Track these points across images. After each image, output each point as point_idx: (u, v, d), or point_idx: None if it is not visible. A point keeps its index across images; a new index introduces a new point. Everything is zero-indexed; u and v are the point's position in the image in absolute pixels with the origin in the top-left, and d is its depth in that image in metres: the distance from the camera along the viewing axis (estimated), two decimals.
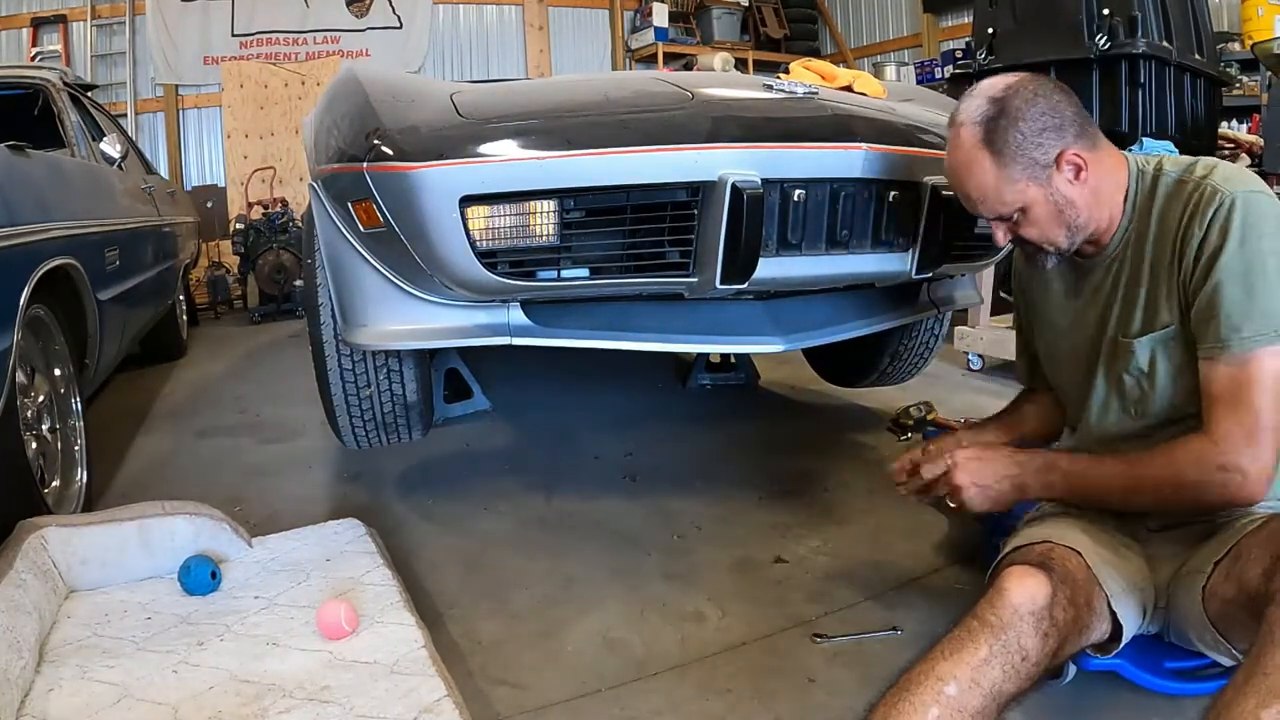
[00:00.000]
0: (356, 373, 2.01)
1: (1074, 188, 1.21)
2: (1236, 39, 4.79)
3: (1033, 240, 1.27)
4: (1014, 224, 1.25)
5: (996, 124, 1.19)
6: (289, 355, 4.35)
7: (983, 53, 3.49)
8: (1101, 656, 1.20)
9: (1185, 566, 1.20)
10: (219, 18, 6.67)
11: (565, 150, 1.51)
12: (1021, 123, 1.18)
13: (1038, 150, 1.19)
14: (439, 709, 1.16)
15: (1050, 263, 1.30)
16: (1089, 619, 1.13)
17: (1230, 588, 1.07)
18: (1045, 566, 1.10)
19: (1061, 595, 1.08)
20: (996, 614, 1.05)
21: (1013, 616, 1.04)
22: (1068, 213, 1.22)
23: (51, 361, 2.05)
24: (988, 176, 1.21)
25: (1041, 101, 1.19)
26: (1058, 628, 1.06)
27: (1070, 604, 1.09)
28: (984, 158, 1.21)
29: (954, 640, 1.04)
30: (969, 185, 1.25)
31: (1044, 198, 1.21)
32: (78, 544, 1.56)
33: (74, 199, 2.26)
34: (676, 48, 7.79)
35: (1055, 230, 1.24)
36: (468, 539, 1.99)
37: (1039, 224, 1.24)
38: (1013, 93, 1.20)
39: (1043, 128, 1.19)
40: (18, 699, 1.18)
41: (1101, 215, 1.25)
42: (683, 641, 1.51)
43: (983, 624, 1.04)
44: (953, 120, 1.26)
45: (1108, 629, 1.17)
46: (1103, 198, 1.24)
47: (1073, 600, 1.09)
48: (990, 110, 1.20)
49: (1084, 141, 1.21)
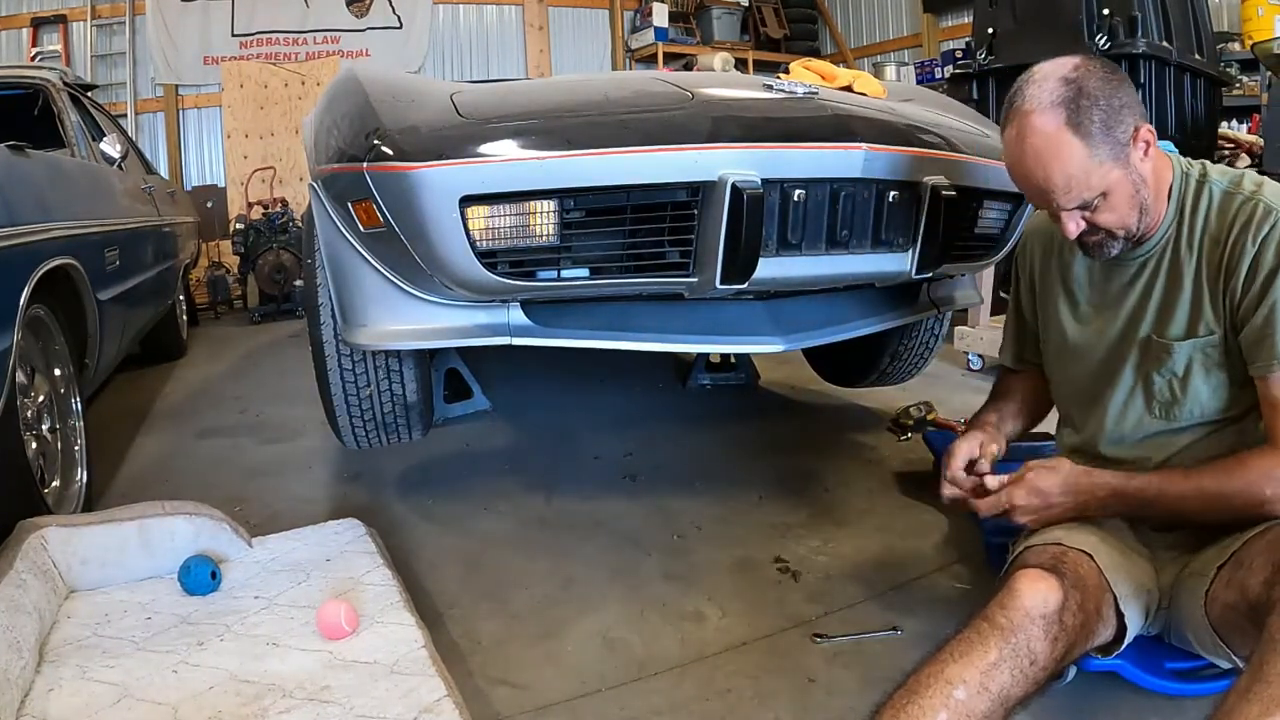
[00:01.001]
0: (356, 373, 2.01)
1: (1146, 164, 1.19)
2: (1236, 39, 4.79)
3: (1107, 226, 1.20)
4: (1093, 211, 1.18)
5: (1078, 104, 1.13)
6: (289, 355, 4.35)
7: (983, 53, 3.50)
8: (1103, 657, 1.19)
9: (1188, 569, 1.19)
10: (219, 18, 6.67)
11: (565, 150, 1.51)
12: (1103, 99, 1.13)
13: (1120, 128, 1.14)
14: (439, 709, 1.16)
15: (1115, 249, 1.24)
16: (1096, 625, 1.13)
17: (1232, 594, 1.07)
18: (1057, 570, 1.10)
19: (1072, 600, 1.07)
20: (1007, 616, 1.04)
21: (1024, 620, 1.04)
22: (1143, 192, 1.19)
23: (51, 361, 2.05)
24: (1075, 161, 1.14)
25: (1114, 79, 1.16)
26: (1067, 632, 1.06)
27: (1080, 610, 1.08)
28: (1070, 141, 1.13)
29: (963, 642, 1.03)
30: (1053, 173, 1.15)
31: (1125, 177, 1.16)
32: (78, 544, 1.56)
33: (74, 199, 2.26)
34: (676, 48, 7.79)
35: (1130, 212, 1.20)
36: (468, 539, 1.98)
37: (1118, 208, 1.18)
38: (1085, 72, 1.15)
39: (1121, 104, 1.15)
40: (18, 699, 1.18)
41: (1159, 203, 1.23)
42: (683, 641, 1.51)
43: (993, 626, 1.04)
44: (1019, 109, 1.17)
45: (1113, 632, 1.17)
46: (1160, 184, 1.22)
47: (1082, 606, 1.09)
48: (1068, 91, 1.13)
49: (1147, 118, 1.20)
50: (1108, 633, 1.16)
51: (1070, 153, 1.14)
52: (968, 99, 3.46)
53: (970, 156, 1.79)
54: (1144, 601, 1.20)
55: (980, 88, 3.52)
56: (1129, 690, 1.25)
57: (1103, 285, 1.34)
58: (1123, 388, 1.31)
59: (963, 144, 1.81)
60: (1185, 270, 1.23)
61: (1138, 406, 1.30)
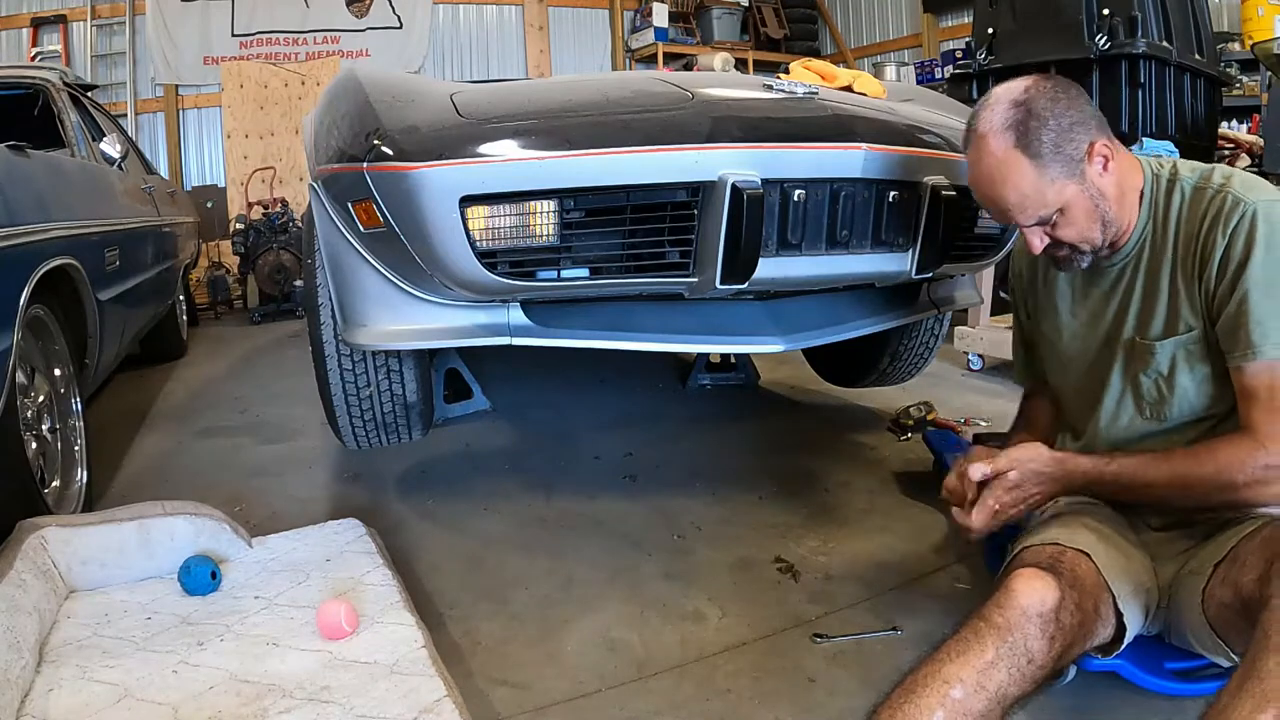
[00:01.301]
0: (356, 373, 2.01)
1: (1105, 178, 1.22)
2: (1236, 39, 4.79)
3: (1070, 240, 1.25)
4: (1052, 226, 1.24)
5: (1028, 126, 1.18)
6: (289, 355, 4.35)
7: (983, 53, 3.50)
8: (1103, 657, 1.20)
9: (1186, 568, 1.20)
10: (219, 18, 6.67)
11: (565, 150, 1.51)
12: (1051, 120, 1.18)
13: (1071, 146, 1.19)
14: (439, 709, 1.16)
15: (1085, 263, 1.29)
16: (1094, 624, 1.13)
17: (1227, 591, 1.07)
18: (1054, 570, 1.11)
19: (1069, 600, 1.08)
20: (1004, 616, 1.05)
21: (1020, 619, 1.04)
22: (1102, 206, 1.23)
23: (51, 361, 2.05)
24: (1026, 180, 1.20)
25: (1063, 98, 1.20)
26: (1064, 632, 1.06)
27: (1078, 609, 1.09)
28: (1020, 161, 1.19)
29: (960, 641, 1.04)
30: (1006, 193, 1.22)
31: (1081, 193, 1.21)
32: (78, 544, 1.56)
33: (74, 199, 2.26)
34: (676, 48, 7.79)
35: (1092, 226, 1.24)
36: (468, 539, 1.98)
37: (1077, 222, 1.23)
38: (1034, 93, 1.20)
39: (1071, 123, 1.19)
40: (18, 699, 1.18)
41: (1126, 212, 1.26)
42: (683, 641, 1.51)
43: (990, 625, 1.04)
44: (975, 132, 1.24)
45: (1112, 631, 1.17)
46: (1126, 193, 1.25)
47: (1080, 605, 1.09)
48: (1017, 114, 1.19)
49: (1105, 133, 1.23)
50: (1107, 632, 1.16)
51: (1021, 173, 1.20)
52: (968, 99, 3.45)
53: None
54: (1143, 601, 1.20)
55: (980, 88, 3.52)
56: (1129, 691, 1.25)
57: (1085, 294, 1.37)
58: (1113, 392, 1.33)
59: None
60: (1162, 270, 1.25)
61: (1129, 409, 1.32)
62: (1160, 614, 1.24)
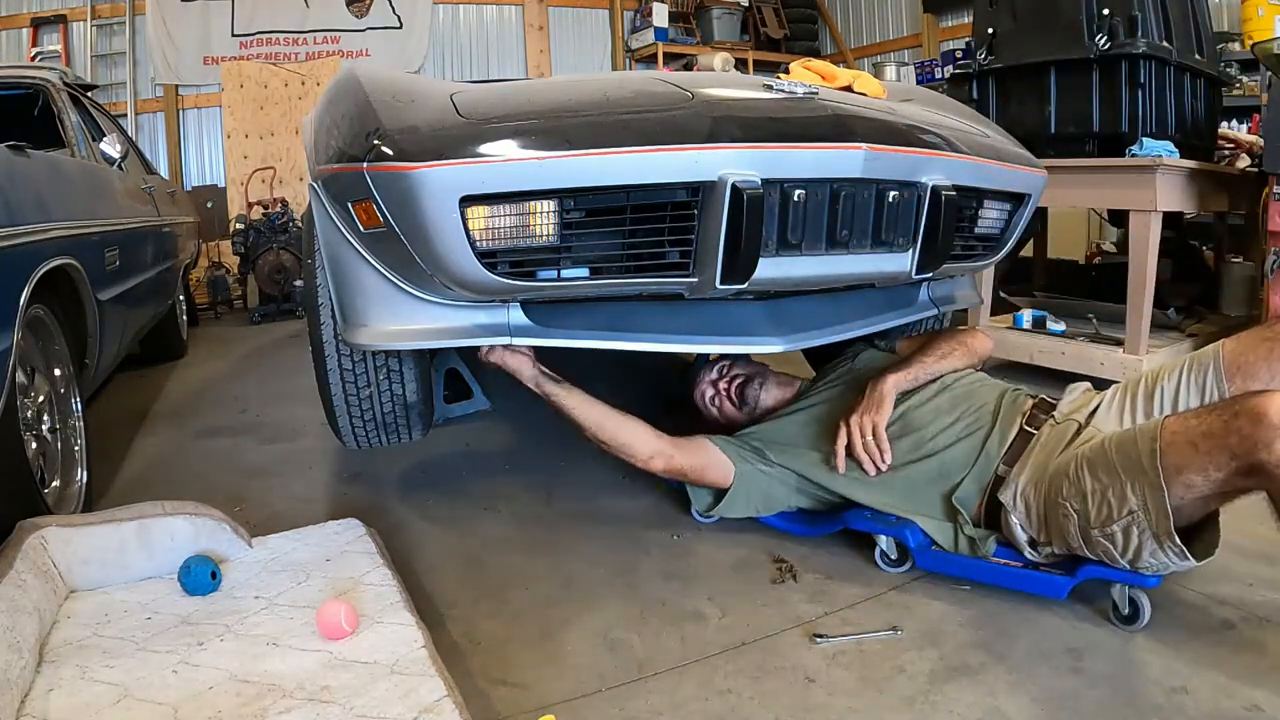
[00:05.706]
0: (356, 373, 2.01)
1: None
2: (1236, 39, 4.79)
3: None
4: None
5: None
6: (289, 355, 4.35)
7: (983, 53, 3.49)
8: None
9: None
10: (219, 18, 6.68)
11: (565, 150, 1.50)
12: None
13: None
14: (439, 709, 1.16)
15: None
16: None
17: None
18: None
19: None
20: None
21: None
22: None
23: (51, 361, 2.05)
24: None
25: None
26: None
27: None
28: None
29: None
30: None
31: None
32: (78, 544, 1.56)
33: (74, 199, 2.26)
34: (676, 48, 7.79)
35: None
36: (468, 539, 1.99)
37: None
38: None
39: None
40: (18, 699, 1.18)
41: None
42: (683, 641, 1.51)
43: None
44: None
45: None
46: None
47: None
48: None
49: None
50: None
51: None
52: (968, 99, 3.45)
53: (970, 156, 1.80)
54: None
55: (980, 88, 3.51)
56: (1129, 691, 1.25)
57: None
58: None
59: (963, 144, 1.81)
60: None
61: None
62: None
